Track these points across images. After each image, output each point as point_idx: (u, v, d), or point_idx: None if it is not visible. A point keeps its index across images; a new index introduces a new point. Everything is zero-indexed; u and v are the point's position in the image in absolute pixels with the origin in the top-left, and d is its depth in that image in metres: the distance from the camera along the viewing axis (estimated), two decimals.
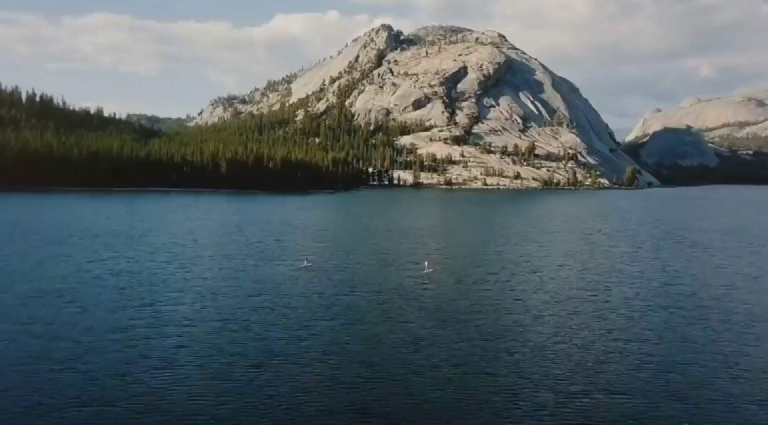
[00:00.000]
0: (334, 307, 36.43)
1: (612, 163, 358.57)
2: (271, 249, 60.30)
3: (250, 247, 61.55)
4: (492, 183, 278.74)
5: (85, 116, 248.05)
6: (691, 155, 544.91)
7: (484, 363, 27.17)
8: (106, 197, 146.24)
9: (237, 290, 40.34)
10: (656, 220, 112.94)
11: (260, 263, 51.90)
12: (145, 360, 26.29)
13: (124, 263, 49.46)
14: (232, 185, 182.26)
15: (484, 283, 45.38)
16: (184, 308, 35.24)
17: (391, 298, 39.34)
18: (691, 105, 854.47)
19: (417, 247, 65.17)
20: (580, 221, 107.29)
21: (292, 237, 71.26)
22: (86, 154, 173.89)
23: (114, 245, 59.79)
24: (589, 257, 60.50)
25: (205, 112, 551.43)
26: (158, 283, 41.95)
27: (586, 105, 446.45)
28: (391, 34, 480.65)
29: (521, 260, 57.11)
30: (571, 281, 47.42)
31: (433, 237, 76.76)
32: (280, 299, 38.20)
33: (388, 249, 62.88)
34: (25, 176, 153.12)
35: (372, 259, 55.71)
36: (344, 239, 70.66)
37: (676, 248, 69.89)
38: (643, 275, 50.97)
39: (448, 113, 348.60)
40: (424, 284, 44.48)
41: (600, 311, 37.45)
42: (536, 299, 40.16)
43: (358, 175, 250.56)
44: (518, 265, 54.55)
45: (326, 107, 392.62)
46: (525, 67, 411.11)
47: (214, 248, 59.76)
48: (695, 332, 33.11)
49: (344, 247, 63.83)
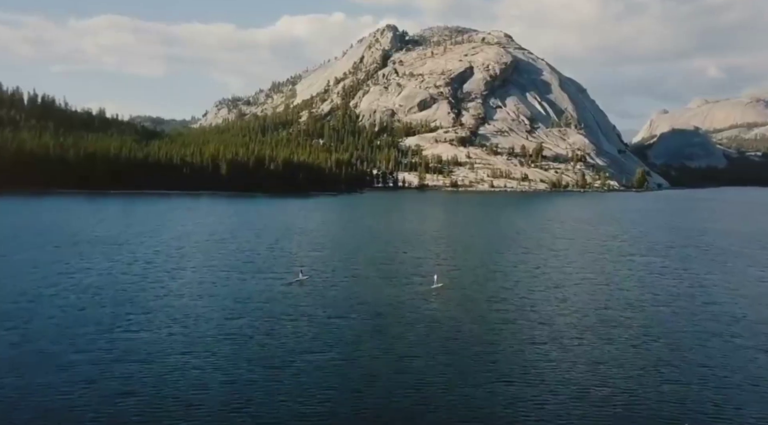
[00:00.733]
0: (324, 336, 30.96)
1: (621, 164, 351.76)
2: (262, 259, 54.89)
3: (240, 256, 56.17)
4: (499, 185, 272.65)
5: (86, 117, 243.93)
6: (699, 157, 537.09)
7: (509, 411, 21.67)
8: (102, 199, 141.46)
9: (212, 313, 34.91)
10: (674, 224, 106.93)
11: (247, 276, 46.51)
12: (81, 410, 20.92)
13: (92, 278, 44.14)
14: (232, 186, 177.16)
15: (501, 302, 39.79)
16: (145, 337, 29.83)
17: (395, 323, 33.86)
18: (698, 106, 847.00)
19: (423, 256, 59.65)
20: (595, 225, 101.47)
21: (287, 244, 65.86)
22: (84, 155, 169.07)
23: (90, 255, 54.54)
24: (613, 269, 54.81)
25: (210, 113, 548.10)
26: (123, 303, 36.48)
27: (593, 106, 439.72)
28: (396, 35, 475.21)
29: (539, 273, 51.51)
30: (598, 299, 41.80)
31: (440, 244, 71.21)
32: (262, 324, 32.74)
33: (392, 258, 57.40)
34: (23, 178, 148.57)
35: (374, 271, 50.23)
36: (344, 247, 65.21)
37: (706, 258, 64.09)
38: (678, 291, 45.28)
39: (454, 114, 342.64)
40: (432, 303, 39.00)
41: (638, 339, 31.84)
42: (562, 324, 34.56)
43: (362, 177, 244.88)
44: (536, 278, 48.95)
45: (330, 108, 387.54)
46: (532, 67, 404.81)
47: (200, 258, 54.38)
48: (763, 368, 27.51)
49: (344, 255, 58.38)
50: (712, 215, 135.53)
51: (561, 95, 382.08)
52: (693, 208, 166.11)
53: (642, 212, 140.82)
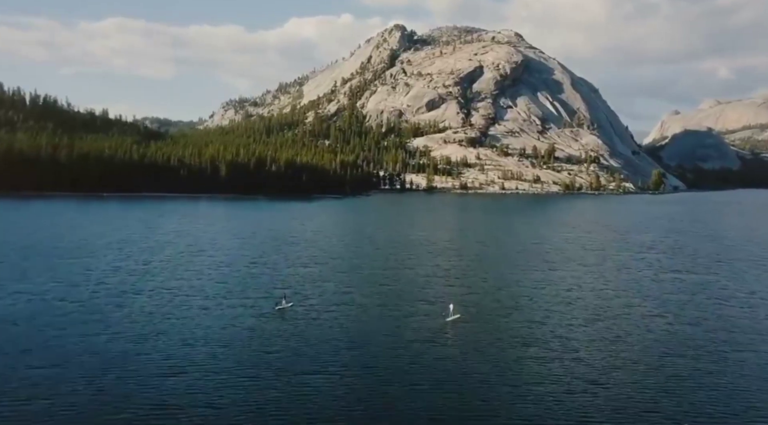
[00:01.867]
0: (305, 390, 21.99)
1: (635, 166, 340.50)
2: (239, 278, 45.91)
3: (213, 274, 47.30)
4: (510, 187, 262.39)
5: (89, 117, 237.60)
6: (712, 158, 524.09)
7: None
8: (92, 202, 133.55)
9: (160, 355, 26.07)
10: (710, 231, 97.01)
11: (218, 301, 37.67)
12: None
13: (20, 304, 35.37)
14: (232, 189, 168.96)
15: (534, 342, 30.65)
16: (64, 389, 20.94)
17: (397, 380, 24.78)
18: (710, 107, 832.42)
19: (433, 273, 50.52)
20: (623, 233, 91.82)
21: (274, 258, 56.87)
22: (76, 156, 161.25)
23: (34, 271, 45.87)
24: (660, 292, 45.39)
25: (216, 115, 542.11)
26: (29, 350, 27.63)
27: (605, 106, 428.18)
28: (405, 34, 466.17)
29: (572, 297, 42.28)
30: (655, 332, 32.52)
31: (451, 258, 62.00)
32: (211, 383, 23.78)
33: (396, 277, 48.34)
34: (13, 180, 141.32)
35: (374, 295, 41.21)
36: (341, 262, 56.15)
37: (762, 270, 54.55)
38: (754, 323, 35.90)
39: (463, 114, 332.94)
40: (448, 346, 29.89)
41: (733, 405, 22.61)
42: (618, 381, 25.37)
43: (368, 178, 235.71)
44: (571, 305, 39.74)
45: (337, 108, 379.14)
46: (543, 66, 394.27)
47: (163, 277, 45.45)
48: None
49: (339, 273, 49.35)
50: (748, 221, 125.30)
51: (573, 95, 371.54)
52: (721, 212, 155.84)
53: (669, 217, 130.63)
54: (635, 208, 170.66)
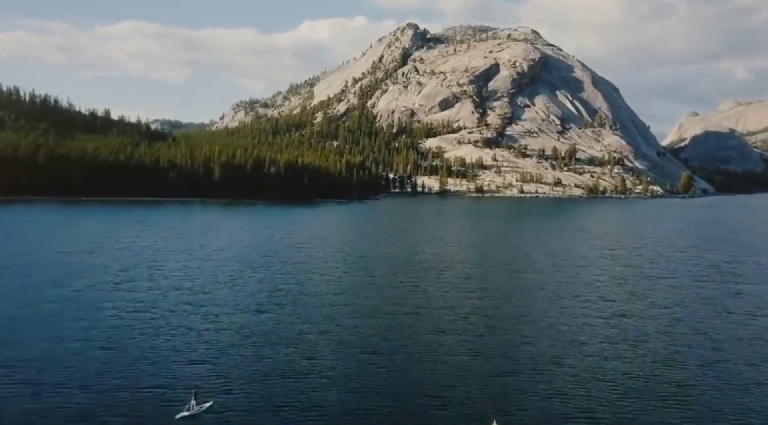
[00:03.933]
0: None
1: (661, 168, 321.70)
2: (144, 347, 30.96)
3: (103, 335, 32.42)
4: (529, 191, 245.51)
5: (89, 118, 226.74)
6: (734, 160, 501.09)
7: None
8: (65, 208, 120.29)
9: None
10: None
11: None
12: None
13: None
14: (228, 193, 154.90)
15: None
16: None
17: None
18: (730, 108, 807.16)
19: (452, 320, 35.30)
20: (674, 246, 75.75)
21: (223, 292, 41.75)
22: (56, 157, 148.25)
23: None
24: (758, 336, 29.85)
25: (227, 116, 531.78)
26: None
27: (626, 106, 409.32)
28: (417, 33, 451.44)
29: (648, 349, 26.82)
30: None
31: (474, 288, 46.57)
32: None
33: (401, 329, 33.20)
34: None
35: (357, 375, 26.08)
36: (316, 307, 40.85)
37: None
38: None
39: (479, 114, 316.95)
40: None
41: None
42: None
43: (377, 181, 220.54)
44: (655, 363, 24.34)
45: (347, 108, 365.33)
46: (562, 64, 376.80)
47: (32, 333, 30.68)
48: None
49: (308, 329, 34.19)
50: None
51: (594, 94, 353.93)
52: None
53: (717, 225, 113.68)
54: (669, 213, 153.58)
